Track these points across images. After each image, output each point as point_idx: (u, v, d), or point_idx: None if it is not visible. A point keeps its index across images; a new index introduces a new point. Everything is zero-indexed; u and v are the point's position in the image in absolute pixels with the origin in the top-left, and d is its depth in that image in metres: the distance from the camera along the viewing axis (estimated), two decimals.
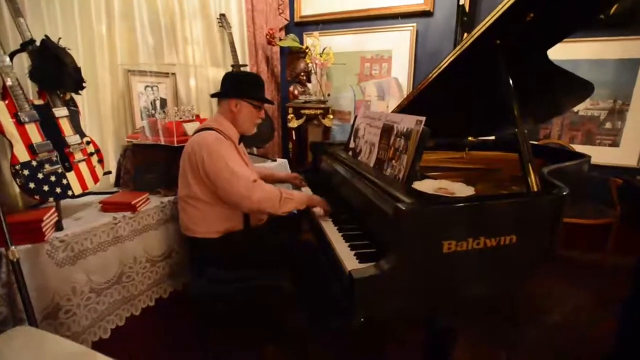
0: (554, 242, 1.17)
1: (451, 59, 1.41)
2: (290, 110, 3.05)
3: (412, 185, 1.25)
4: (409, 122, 1.33)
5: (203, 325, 1.59)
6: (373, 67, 3.11)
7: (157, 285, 1.72)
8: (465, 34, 2.69)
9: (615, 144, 2.70)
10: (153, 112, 1.98)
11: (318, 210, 1.57)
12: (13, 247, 1.10)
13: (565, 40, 1.41)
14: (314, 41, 2.96)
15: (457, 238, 1.03)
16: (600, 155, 2.65)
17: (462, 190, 1.22)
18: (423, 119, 1.27)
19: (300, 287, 1.49)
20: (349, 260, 1.14)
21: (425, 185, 1.24)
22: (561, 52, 1.44)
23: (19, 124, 1.26)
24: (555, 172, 1.44)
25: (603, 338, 1.76)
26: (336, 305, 1.48)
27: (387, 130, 1.48)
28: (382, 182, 1.29)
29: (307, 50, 2.98)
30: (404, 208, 1.00)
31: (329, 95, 3.16)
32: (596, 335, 1.79)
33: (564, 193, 1.15)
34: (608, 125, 2.69)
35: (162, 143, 1.82)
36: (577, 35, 2.49)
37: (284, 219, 1.77)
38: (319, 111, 3.00)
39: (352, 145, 1.84)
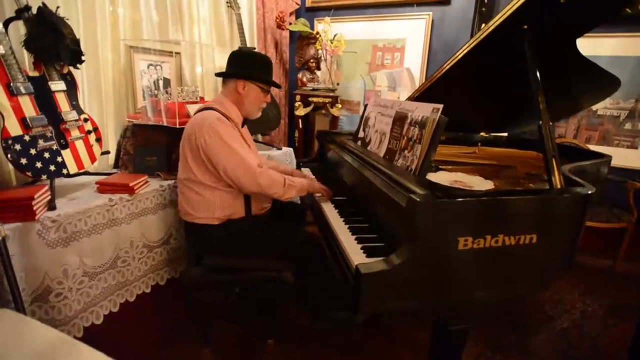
0: (575, 246, 1.09)
1: (473, 44, 1.32)
2: (298, 97, 2.96)
3: (427, 177, 1.17)
4: (425, 110, 1.25)
5: (201, 315, 1.54)
6: (385, 57, 3.01)
7: (154, 272, 1.66)
8: (484, 25, 2.58)
9: (634, 145, 2.59)
10: (156, 92, 1.90)
11: (319, 195, 1.55)
12: (0, 224, 1.03)
13: (585, 35, 1.31)
14: (325, 27, 2.85)
15: (474, 234, 0.95)
16: (617, 157, 2.54)
17: (480, 184, 1.14)
18: (440, 106, 1.18)
19: (302, 279, 1.43)
20: (356, 254, 1.07)
21: (440, 177, 1.16)
22: (580, 47, 1.34)
23: (11, 95, 1.19)
24: (573, 171, 1.36)
25: (615, 346, 1.69)
26: (340, 300, 1.42)
27: (399, 119, 1.39)
28: (393, 172, 1.21)
29: (317, 36, 2.87)
30: (418, 200, 0.92)
31: (338, 84, 3.07)
32: (608, 343, 1.72)
33: (589, 192, 1.07)
34: (628, 126, 2.58)
35: (164, 124, 1.74)
36: (598, 30, 2.38)
37: (287, 208, 1.70)
38: (327, 100, 2.91)
39: (361, 134, 1.76)
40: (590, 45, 2.47)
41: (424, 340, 1.66)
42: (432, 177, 1.18)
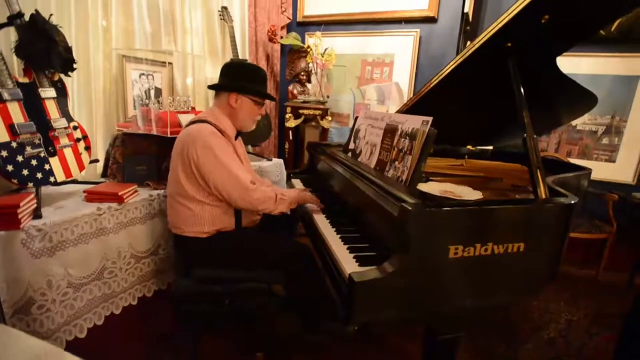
0: (560, 255, 1.12)
1: (459, 60, 1.38)
2: (289, 109, 2.99)
3: (417, 187, 1.19)
4: (415, 123, 1.28)
5: (190, 327, 1.50)
6: (374, 71, 3.08)
7: (141, 283, 1.62)
8: (469, 42, 2.68)
9: (611, 159, 2.70)
10: (147, 101, 1.90)
11: (311, 205, 1.56)
12: None
13: (564, 54, 1.39)
14: (316, 41, 2.91)
15: (465, 243, 0.98)
16: (596, 170, 2.64)
17: (469, 194, 1.17)
18: (430, 119, 1.22)
19: (292, 291, 1.42)
20: (349, 263, 1.08)
21: (430, 188, 1.19)
22: (559, 65, 1.42)
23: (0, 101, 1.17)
24: (556, 183, 1.41)
25: (599, 355, 1.72)
26: (331, 311, 1.41)
27: (390, 131, 1.43)
28: (385, 183, 1.23)
29: (308, 50, 2.93)
30: (410, 209, 0.94)
31: (328, 96, 3.11)
32: (592, 352, 1.75)
33: (573, 202, 1.12)
34: (605, 140, 2.70)
35: (155, 133, 1.73)
36: (576, 49, 2.51)
37: (277, 220, 1.70)
38: (317, 112, 2.95)
39: (352, 146, 1.78)
40: (569, 64, 2.60)
41: (416, 350, 1.66)
42: (422, 187, 1.21)
